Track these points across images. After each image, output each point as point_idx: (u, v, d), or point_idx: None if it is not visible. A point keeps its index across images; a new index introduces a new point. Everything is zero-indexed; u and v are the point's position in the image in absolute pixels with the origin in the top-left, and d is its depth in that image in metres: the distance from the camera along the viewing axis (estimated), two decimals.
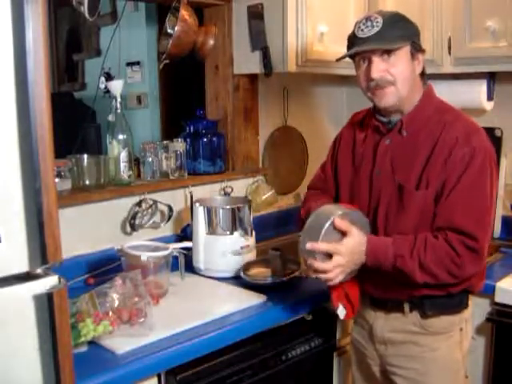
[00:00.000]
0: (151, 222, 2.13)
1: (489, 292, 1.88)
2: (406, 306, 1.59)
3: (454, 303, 1.58)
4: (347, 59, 1.60)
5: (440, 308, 1.57)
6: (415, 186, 1.52)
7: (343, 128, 1.82)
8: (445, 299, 1.56)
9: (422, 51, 1.57)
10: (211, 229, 2.01)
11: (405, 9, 2.29)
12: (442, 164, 1.49)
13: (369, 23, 1.50)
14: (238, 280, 1.92)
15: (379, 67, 1.50)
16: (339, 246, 1.49)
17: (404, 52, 1.51)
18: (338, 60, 1.62)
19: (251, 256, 2.05)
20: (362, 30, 1.50)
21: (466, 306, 1.61)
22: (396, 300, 1.60)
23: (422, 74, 1.61)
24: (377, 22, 1.49)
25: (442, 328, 1.59)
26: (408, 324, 1.60)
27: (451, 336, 1.60)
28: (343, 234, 1.51)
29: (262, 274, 1.96)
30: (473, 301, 1.68)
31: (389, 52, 1.49)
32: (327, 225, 1.49)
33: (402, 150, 1.56)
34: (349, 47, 1.57)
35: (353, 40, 1.54)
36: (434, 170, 1.50)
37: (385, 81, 1.51)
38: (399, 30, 1.50)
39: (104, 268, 1.93)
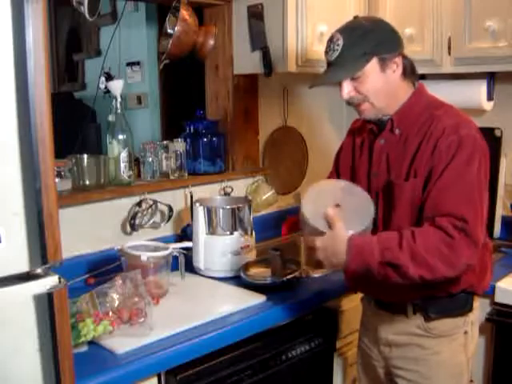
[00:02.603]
0: (151, 222, 2.13)
1: (489, 292, 1.88)
2: (410, 309, 1.57)
3: (457, 305, 1.57)
4: None
5: (443, 311, 1.56)
6: (404, 178, 1.52)
7: (344, 139, 1.83)
8: (448, 301, 1.55)
9: (398, 55, 1.52)
10: (211, 229, 2.01)
11: (405, 9, 2.31)
12: (429, 154, 1.48)
13: (332, 45, 1.51)
14: (237, 280, 1.92)
15: (348, 89, 1.52)
16: (316, 241, 1.46)
17: (370, 68, 1.49)
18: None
19: (251, 256, 2.05)
20: (327, 53, 1.53)
21: (470, 308, 1.59)
22: (400, 302, 1.59)
23: (407, 74, 1.57)
24: (337, 44, 1.49)
25: (445, 331, 1.57)
26: (412, 327, 1.59)
27: (455, 339, 1.59)
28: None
29: (262, 274, 1.96)
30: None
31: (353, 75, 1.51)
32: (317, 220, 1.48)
33: (396, 149, 1.57)
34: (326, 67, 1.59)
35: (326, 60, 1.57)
36: (421, 160, 1.49)
37: (356, 99, 1.54)
38: (360, 49, 1.48)
39: (104, 268, 1.92)
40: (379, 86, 1.52)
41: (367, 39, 1.49)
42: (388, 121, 1.58)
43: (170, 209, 2.19)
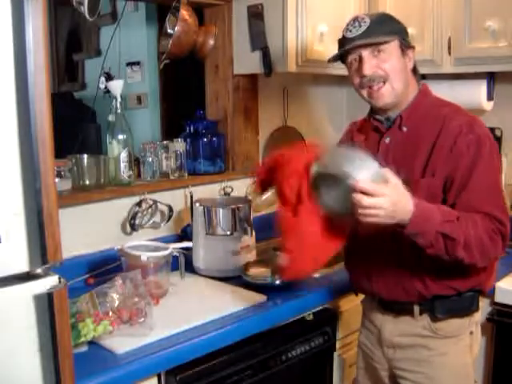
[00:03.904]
0: (151, 221, 2.13)
1: (489, 292, 1.87)
2: (416, 309, 1.56)
3: (464, 305, 1.56)
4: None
5: (450, 310, 1.55)
6: (420, 175, 1.51)
7: (340, 140, 1.82)
8: (455, 301, 1.54)
9: (412, 48, 1.57)
10: (211, 229, 2.01)
11: (405, 9, 2.31)
12: (447, 152, 1.47)
13: (356, 23, 1.51)
14: (238, 280, 1.92)
15: (371, 63, 1.51)
16: (384, 188, 1.31)
17: (393, 47, 1.52)
18: (330, 61, 1.62)
19: (251, 256, 2.05)
20: (351, 31, 1.52)
21: (476, 308, 1.59)
22: (405, 302, 1.57)
23: (415, 73, 1.61)
24: (364, 21, 1.50)
25: (451, 331, 1.57)
26: (418, 327, 1.58)
27: (461, 340, 1.58)
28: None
29: (262, 274, 1.96)
30: None
31: (378, 48, 1.50)
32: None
33: (404, 146, 1.56)
34: (339, 49, 1.57)
35: (342, 41, 1.56)
36: (438, 159, 1.48)
37: (377, 76, 1.51)
38: (386, 27, 1.52)
39: (104, 268, 1.93)
40: (399, 68, 1.53)
41: (391, 22, 1.55)
42: (397, 118, 1.58)
43: (170, 209, 2.18)
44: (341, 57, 1.58)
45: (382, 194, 1.29)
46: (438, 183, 1.48)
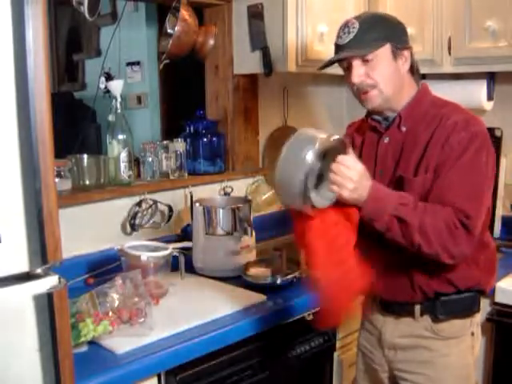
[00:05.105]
0: (151, 222, 2.13)
1: (489, 292, 1.87)
2: (417, 310, 1.56)
3: (465, 306, 1.56)
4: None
5: (452, 311, 1.55)
6: (413, 173, 1.51)
7: None
8: (456, 301, 1.54)
9: (407, 48, 1.55)
10: (211, 229, 2.01)
11: (405, 9, 2.31)
12: (439, 149, 1.48)
13: (346, 29, 1.50)
14: (238, 280, 1.92)
15: (359, 72, 1.50)
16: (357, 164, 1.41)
17: (383, 53, 1.50)
18: (320, 69, 1.62)
19: (251, 256, 2.05)
20: (341, 37, 1.51)
21: (478, 309, 1.59)
22: (407, 303, 1.57)
23: (414, 72, 1.59)
24: (353, 27, 1.49)
25: (453, 332, 1.56)
26: (419, 329, 1.57)
27: (463, 341, 1.58)
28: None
29: (262, 273, 1.96)
30: None
31: (367, 57, 1.49)
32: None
33: (403, 146, 1.55)
34: (334, 56, 1.57)
35: (335, 47, 1.56)
36: (431, 155, 1.48)
37: (366, 85, 1.51)
38: (375, 33, 1.49)
39: (104, 268, 1.93)
40: (390, 74, 1.52)
41: (382, 26, 1.52)
42: (395, 117, 1.57)
43: (170, 209, 2.19)
44: (327, 64, 1.58)
45: (355, 168, 1.39)
46: (429, 181, 1.49)
